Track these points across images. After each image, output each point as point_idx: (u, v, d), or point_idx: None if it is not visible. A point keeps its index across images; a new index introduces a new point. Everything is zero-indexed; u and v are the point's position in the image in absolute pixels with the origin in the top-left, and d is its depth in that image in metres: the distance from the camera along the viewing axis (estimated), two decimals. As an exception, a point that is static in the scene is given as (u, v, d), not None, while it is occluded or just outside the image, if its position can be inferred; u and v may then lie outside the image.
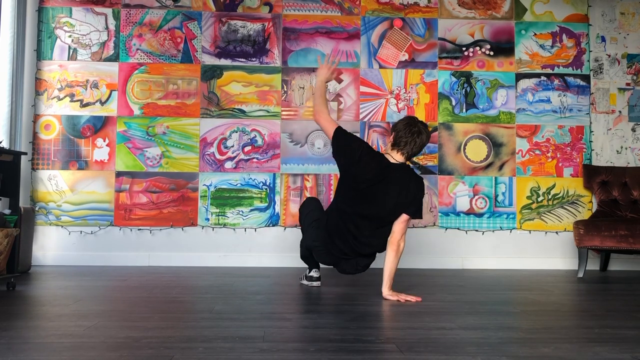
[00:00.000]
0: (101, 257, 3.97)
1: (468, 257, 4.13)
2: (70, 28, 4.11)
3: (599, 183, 4.11)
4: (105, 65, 4.10)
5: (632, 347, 1.79)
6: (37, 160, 4.03)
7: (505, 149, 4.21)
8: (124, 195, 4.04)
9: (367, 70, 4.19)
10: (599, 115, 4.27)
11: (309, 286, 3.07)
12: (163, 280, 3.21)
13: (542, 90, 4.26)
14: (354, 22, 4.21)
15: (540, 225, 4.19)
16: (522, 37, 4.27)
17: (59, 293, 2.76)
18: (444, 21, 4.25)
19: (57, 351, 1.67)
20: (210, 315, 2.22)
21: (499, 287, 3.17)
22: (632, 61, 4.31)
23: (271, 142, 4.12)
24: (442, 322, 2.13)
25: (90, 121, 4.06)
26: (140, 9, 4.13)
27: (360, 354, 1.66)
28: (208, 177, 4.09)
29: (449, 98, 4.21)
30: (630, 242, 3.56)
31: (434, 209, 4.15)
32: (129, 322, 2.08)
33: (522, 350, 1.74)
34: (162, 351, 1.67)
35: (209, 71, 4.13)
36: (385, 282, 2.71)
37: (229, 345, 1.75)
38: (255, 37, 4.17)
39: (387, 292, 2.68)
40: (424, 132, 2.75)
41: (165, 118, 4.09)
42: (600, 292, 3.11)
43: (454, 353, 1.69)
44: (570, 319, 2.33)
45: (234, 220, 4.07)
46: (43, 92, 4.06)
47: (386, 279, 2.70)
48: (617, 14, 4.32)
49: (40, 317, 2.19)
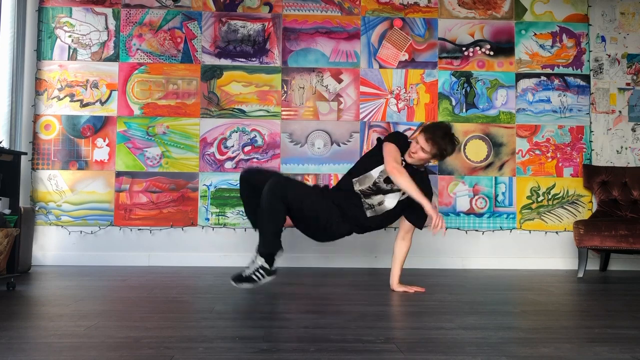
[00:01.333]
0: (101, 257, 3.97)
1: (468, 257, 4.13)
2: (70, 28, 4.11)
3: (599, 183, 4.11)
4: (105, 65, 4.10)
5: (632, 347, 1.79)
6: (37, 160, 4.03)
7: (505, 149, 4.21)
8: (124, 195, 4.04)
9: (367, 70, 4.19)
10: (599, 115, 4.27)
11: (261, 283, 2.72)
12: (163, 280, 3.21)
13: (542, 90, 4.26)
14: (354, 22, 4.21)
15: (540, 225, 4.19)
16: (522, 37, 4.27)
17: (59, 293, 2.76)
18: (444, 21, 4.25)
19: (57, 351, 1.67)
20: (210, 315, 2.22)
21: (499, 287, 3.17)
22: (632, 61, 4.31)
23: (271, 142, 4.12)
24: (442, 322, 2.13)
25: (90, 121, 4.06)
26: (140, 9, 4.13)
27: (360, 354, 1.66)
28: (208, 177, 4.09)
29: (449, 98, 4.21)
30: (630, 242, 3.56)
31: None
32: (129, 322, 2.08)
33: (522, 350, 1.74)
34: (162, 351, 1.67)
35: (209, 71, 4.13)
36: (396, 275, 2.90)
37: (229, 345, 1.75)
38: (255, 37, 4.17)
39: (397, 285, 2.88)
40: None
41: (165, 118, 4.09)
42: (600, 292, 3.11)
43: (454, 353, 1.69)
44: (570, 319, 2.33)
45: (234, 220, 4.07)
46: (43, 92, 4.06)
47: (397, 272, 2.90)
48: (617, 14, 4.32)
49: (40, 317, 2.19)
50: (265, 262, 2.71)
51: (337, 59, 4.18)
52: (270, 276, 2.73)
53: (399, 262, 2.92)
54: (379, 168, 2.83)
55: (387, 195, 2.82)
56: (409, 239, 2.93)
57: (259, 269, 2.70)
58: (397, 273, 2.91)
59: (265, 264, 2.71)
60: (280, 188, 2.64)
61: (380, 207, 2.83)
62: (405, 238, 2.93)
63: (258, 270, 2.70)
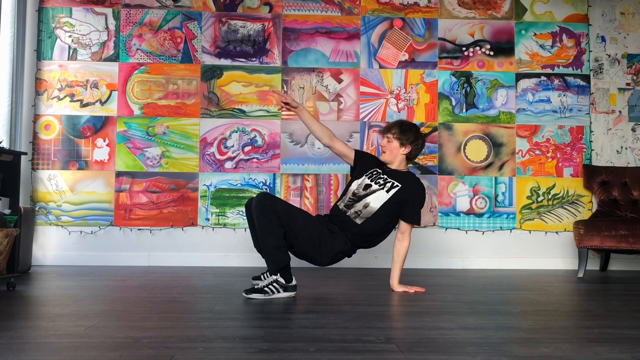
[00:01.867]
0: (101, 257, 3.97)
1: (468, 257, 4.13)
2: (70, 28, 4.11)
3: (599, 183, 4.11)
4: (105, 65, 4.10)
5: (632, 347, 1.79)
6: (37, 160, 4.03)
7: (505, 149, 4.21)
8: (124, 195, 4.04)
9: (367, 70, 4.19)
10: (599, 115, 4.27)
11: (286, 297, 2.68)
12: (163, 280, 3.21)
13: (542, 90, 4.26)
14: (354, 22, 4.21)
15: (540, 225, 4.19)
16: (522, 37, 4.27)
17: (59, 293, 2.76)
18: (444, 21, 4.25)
19: (57, 351, 1.67)
20: (210, 315, 2.22)
21: (499, 287, 3.17)
22: (632, 61, 4.31)
23: (271, 142, 4.12)
24: (442, 322, 2.13)
25: (90, 121, 4.06)
26: (140, 9, 4.13)
27: (360, 354, 1.66)
28: (208, 177, 4.09)
29: (449, 98, 4.21)
30: (630, 242, 3.56)
31: (434, 209, 4.15)
32: (129, 322, 2.08)
33: (522, 350, 1.74)
34: (162, 351, 1.67)
35: (209, 71, 4.13)
36: (396, 275, 2.92)
37: (229, 345, 1.75)
38: (255, 37, 4.17)
39: (397, 285, 2.91)
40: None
41: (165, 118, 4.09)
42: (600, 292, 3.10)
43: (454, 353, 1.69)
44: (570, 319, 2.33)
45: (234, 220, 4.07)
46: (43, 92, 4.06)
47: (397, 272, 2.93)
48: (617, 14, 4.32)
49: (40, 317, 2.19)
50: (280, 277, 2.65)
51: (337, 59, 4.18)
52: (287, 292, 2.66)
53: (398, 262, 2.92)
54: (357, 182, 2.93)
55: (368, 197, 2.84)
56: (407, 237, 2.92)
57: (273, 282, 2.64)
58: (397, 273, 2.91)
59: (280, 278, 2.65)
60: (269, 198, 2.65)
61: (368, 210, 2.83)
62: (403, 237, 2.92)
63: (272, 283, 2.63)
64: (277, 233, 2.62)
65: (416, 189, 2.93)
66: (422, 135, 3.04)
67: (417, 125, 3.09)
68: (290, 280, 2.68)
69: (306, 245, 2.74)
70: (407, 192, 2.86)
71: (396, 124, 2.98)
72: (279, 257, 2.65)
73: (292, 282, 2.69)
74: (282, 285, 2.64)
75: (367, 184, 2.88)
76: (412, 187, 2.91)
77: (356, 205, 2.85)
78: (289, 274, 2.68)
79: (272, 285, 2.63)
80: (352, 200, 2.88)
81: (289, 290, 2.67)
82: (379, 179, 2.88)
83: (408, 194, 2.86)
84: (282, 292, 2.64)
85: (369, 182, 2.88)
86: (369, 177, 2.91)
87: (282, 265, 2.65)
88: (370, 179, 2.90)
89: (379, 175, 2.91)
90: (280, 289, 2.64)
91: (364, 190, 2.87)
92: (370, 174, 2.93)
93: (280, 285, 2.64)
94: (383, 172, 2.93)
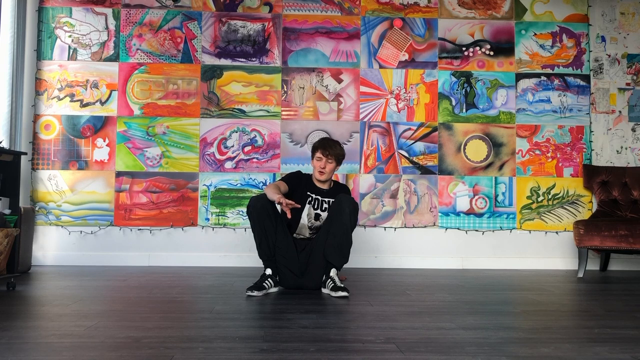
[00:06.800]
0: (101, 257, 3.97)
1: (468, 257, 4.13)
2: (70, 28, 4.11)
3: (599, 183, 4.11)
4: (105, 65, 4.10)
5: (632, 347, 1.79)
6: (37, 160, 4.03)
7: (505, 149, 4.21)
8: (124, 195, 4.04)
9: (367, 70, 4.19)
10: (599, 115, 4.27)
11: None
12: (163, 280, 3.21)
13: (542, 90, 4.26)
14: (354, 22, 4.21)
15: (540, 225, 4.19)
16: (522, 37, 4.27)
17: (59, 293, 2.76)
18: (444, 21, 4.25)
19: (57, 351, 1.67)
20: (210, 315, 2.22)
21: (499, 287, 3.17)
22: (632, 61, 4.31)
23: (271, 142, 4.12)
24: (442, 322, 2.13)
25: (90, 121, 4.06)
26: (140, 9, 4.13)
27: (360, 354, 1.66)
28: (208, 177, 4.09)
29: (449, 98, 4.21)
30: (630, 242, 3.56)
31: (434, 209, 4.15)
32: (129, 322, 2.08)
33: (522, 350, 1.74)
34: (162, 351, 1.67)
35: (209, 71, 4.13)
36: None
37: (229, 345, 1.75)
38: (255, 37, 4.17)
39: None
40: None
41: (165, 118, 4.09)
42: (600, 292, 3.10)
43: (454, 353, 1.69)
44: (570, 319, 2.33)
45: (234, 220, 4.07)
46: (43, 92, 4.06)
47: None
48: (617, 14, 4.32)
49: (40, 317, 2.18)
50: (272, 272, 2.87)
51: (337, 59, 4.18)
52: (278, 286, 2.91)
53: None
54: (305, 214, 2.99)
55: (322, 216, 2.99)
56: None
57: (268, 278, 2.84)
58: None
59: (272, 273, 2.87)
60: (260, 199, 2.80)
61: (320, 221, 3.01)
62: None
63: (267, 279, 2.83)
64: (261, 232, 2.85)
65: (343, 189, 3.10)
66: None
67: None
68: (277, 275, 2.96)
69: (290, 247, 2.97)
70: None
71: (332, 144, 3.00)
72: (260, 252, 2.86)
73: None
74: (273, 280, 2.88)
75: (316, 214, 3.00)
76: (340, 192, 3.04)
77: (315, 224, 3.00)
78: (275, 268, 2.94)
79: (267, 281, 2.83)
80: (314, 231, 2.99)
81: (278, 284, 2.95)
82: (323, 204, 3.00)
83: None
84: (274, 287, 2.88)
85: (318, 211, 2.99)
86: (314, 206, 3.00)
87: (262, 258, 2.88)
88: (315, 207, 3.00)
89: (320, 202, 3.01)
90: (273, 283, 2.87)
91: (316, 220, 3.00)
92: (313, 202, 3.00)
93: (272, 280, 2.87)
94: (322, 196, 3.01)
